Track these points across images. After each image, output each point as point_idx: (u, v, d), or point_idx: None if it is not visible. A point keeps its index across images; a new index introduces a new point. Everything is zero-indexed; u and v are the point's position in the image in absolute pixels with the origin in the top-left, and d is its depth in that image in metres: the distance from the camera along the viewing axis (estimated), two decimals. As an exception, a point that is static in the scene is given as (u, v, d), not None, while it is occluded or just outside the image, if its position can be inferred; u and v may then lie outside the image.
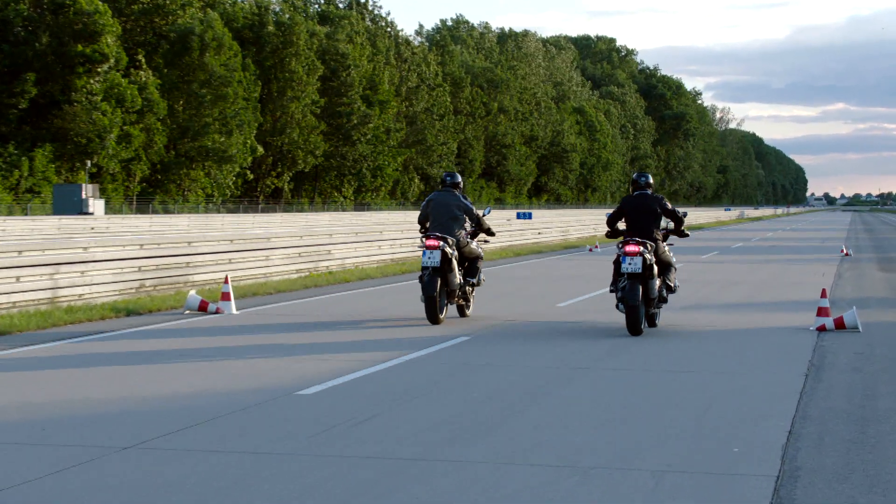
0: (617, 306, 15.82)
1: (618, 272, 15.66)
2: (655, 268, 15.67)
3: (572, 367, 12.79)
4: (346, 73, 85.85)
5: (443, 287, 16.76)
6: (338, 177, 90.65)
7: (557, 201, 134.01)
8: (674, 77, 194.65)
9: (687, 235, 16.81)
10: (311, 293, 22.10)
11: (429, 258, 16.52)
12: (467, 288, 17.45)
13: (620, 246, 15.56)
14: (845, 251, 38.73)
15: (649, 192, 16.16)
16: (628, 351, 14.27)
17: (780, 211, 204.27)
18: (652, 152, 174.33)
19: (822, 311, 16.47)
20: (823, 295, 16.74)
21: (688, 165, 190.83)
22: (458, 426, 9.49)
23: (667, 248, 16.15)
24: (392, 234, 32.95)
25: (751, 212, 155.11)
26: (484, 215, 17.82)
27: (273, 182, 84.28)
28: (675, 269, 16.58)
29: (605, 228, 16.72)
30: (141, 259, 21.07)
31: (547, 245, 45.34)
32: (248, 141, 73.80)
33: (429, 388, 11.27)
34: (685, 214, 16.54)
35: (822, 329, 16.21)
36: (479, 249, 17.68)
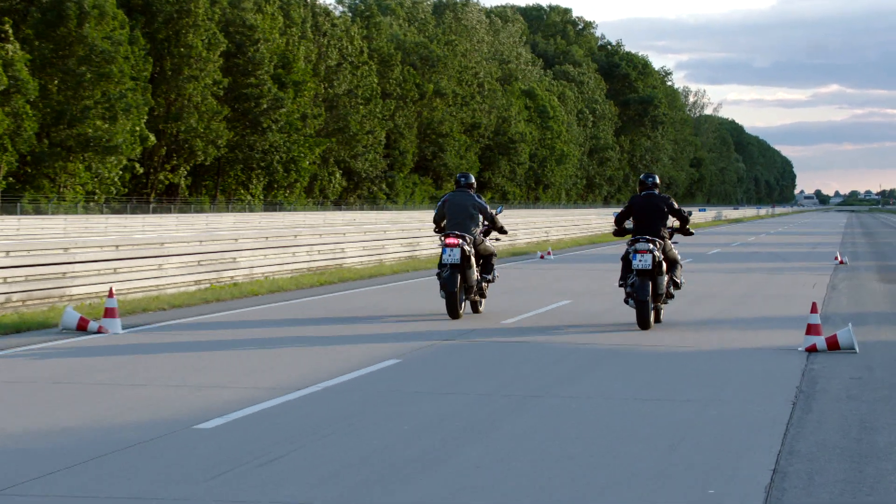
0: (626, 301, 19.13)
1: (626, 269, 18.97)
2: (664, 265, 18.92)
3: (520, 394, 12.82)
4: (254, 49, 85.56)
5: (462, 283, 20.30)
6: (244, 171, 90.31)
7: (503, 200, 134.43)
8: (640, 54, 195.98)
9: (692, 234, 20.30)
10: (213, 308, 21.99)
11: (449, 255, 20.05)
12: (483, 284, 21.12)
13: (631, 244, 18.90)
14: (840, 259, 39.15)
15: (656, 192, 19.45)
16: (586, 375, 14.32)
17: (763, 211, 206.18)
18: (614, 143, 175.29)
19: (812, 329, 16.61)
20: (814, 310, 16.88)
21: (656, 158, 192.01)
22: (385, 465, 9.47)
23: (673, 246, 19.60)
24: (309, 240, 32.88)
25: (730, 212, 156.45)
26: (496, 214, 21.39)
27: (167, 177, 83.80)
28: (681, 266, 20.06)
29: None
30: (7, 269, 20.84)
31: (491, 251, 45.39)
32: (137, 128, 73.31)
33: (350, 421, 11.24)
34: (690, 213, 19.82)
35: (812, 349, 16.35)
36: (493, 247, 21.37)
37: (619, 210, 19.33)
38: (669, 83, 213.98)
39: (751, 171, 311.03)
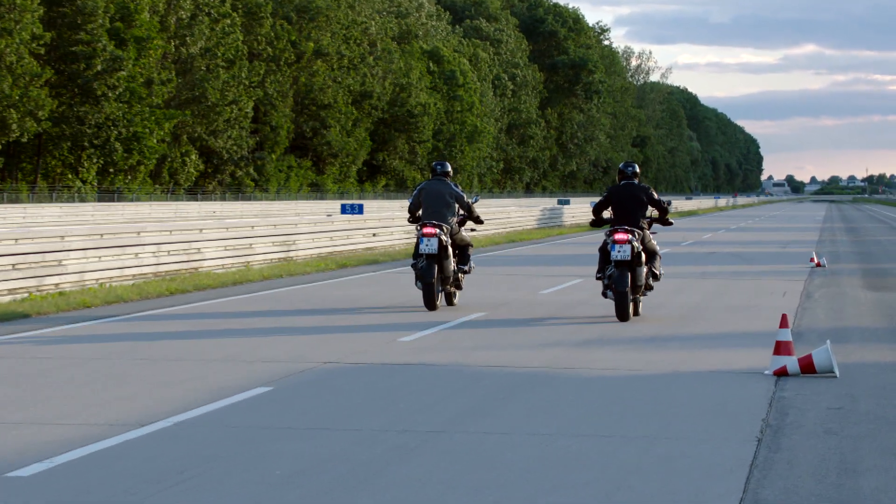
0: (604, 293, 22.54)
1: (605, 260, 22.31)
2: (643, 256, 22.23)
3: (419, 430, 12.83)
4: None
5: (438, 273, 23.92)
6: (73, 151, 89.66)
7: (401, 188, 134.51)
8: (570, 7, 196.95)
9: (671, 224, 23.87)
10: (32, 324, 21.80)
11: (426, 245, 23.64)
12: (459, 275, 24.80)
13: (609, 234, 22.21)
14: (816, 261, 39.55)
15: (636, 181, 22.85)
16: (502, 406, 14.35)
17: (723, 202, 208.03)
18: (538, 117, 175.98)
19: (781, 348, 16.74)
20: (784, 324, 17.01)
21: (590, 136, 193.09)
22: (252, 521, 9.45)
23: (652, 237, 22.93)
24: (156, 237, 32.68)
25: (681, 203, 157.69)
26: (472, 203, 25.01)
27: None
28: (660, 257, 23.57)
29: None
30: None
31: (385, 252, 45.42)
32: (-63, 96, 72.58)
33: (207, 465, 11.20)
34: (669, 203, 23.40)
35: (781, 373, 16.49)
36: (469, 237, 25.16)
37: (596, 200, 22.70)
38: (606, 42, 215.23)
39: (707, 152, 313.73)
